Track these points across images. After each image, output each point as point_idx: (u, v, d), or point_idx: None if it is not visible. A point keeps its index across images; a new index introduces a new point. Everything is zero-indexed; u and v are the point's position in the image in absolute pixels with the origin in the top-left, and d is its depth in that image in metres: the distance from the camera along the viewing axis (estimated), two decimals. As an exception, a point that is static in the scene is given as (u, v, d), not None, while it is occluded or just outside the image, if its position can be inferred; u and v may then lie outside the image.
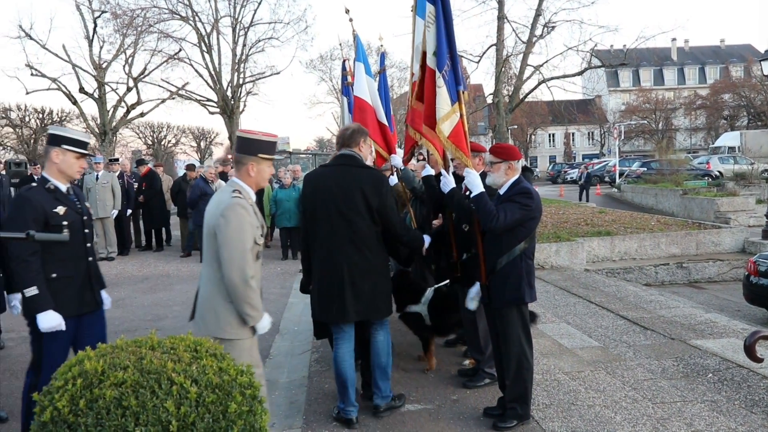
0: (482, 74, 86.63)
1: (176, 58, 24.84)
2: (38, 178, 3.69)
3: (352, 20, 6.05)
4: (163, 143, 44.25)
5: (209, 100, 25.48)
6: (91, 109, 37.45)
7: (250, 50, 25.57)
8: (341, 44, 6.08)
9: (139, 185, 13.08)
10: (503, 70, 19.89)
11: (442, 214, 5.10)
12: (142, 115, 26.47)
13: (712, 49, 69.92)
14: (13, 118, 30.82)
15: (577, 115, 43.07)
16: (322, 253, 4.09)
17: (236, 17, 25.06)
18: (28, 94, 24.32)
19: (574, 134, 67.16)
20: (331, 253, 4.05)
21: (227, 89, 25.10)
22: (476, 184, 4.06)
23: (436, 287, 5.23)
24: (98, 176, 11.78)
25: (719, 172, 29.73)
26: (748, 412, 4.31)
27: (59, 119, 32.67)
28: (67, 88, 24.11)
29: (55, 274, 3.48)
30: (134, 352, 2.25)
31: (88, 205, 3.94)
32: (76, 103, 24.58)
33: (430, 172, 5.21)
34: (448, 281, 5.10)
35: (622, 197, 26.92)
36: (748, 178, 23.77)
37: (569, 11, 26.70)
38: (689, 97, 60.83)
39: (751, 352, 2.45)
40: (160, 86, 25.36)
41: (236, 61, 25.21)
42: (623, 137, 49.97)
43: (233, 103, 25.13)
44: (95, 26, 24.05)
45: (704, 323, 6.77)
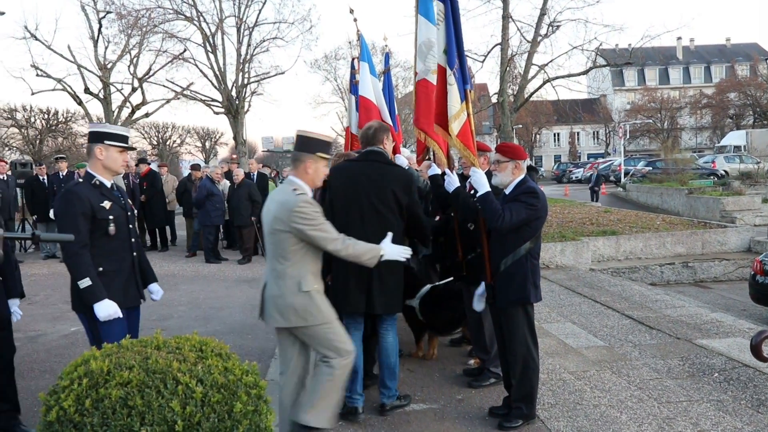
0: (487, 73, 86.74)
1: (181, 58, 24.88)
2: (84, 174, 3.72)
3: (356, 20, 6.06)
4: (168, 143, 44.36)
5: (214, 100, 25.52)
6: (96, 109, 37.61)
7: (254, 50, 25.58)
8: (350, 42, 6.08)
9: (139, 185, 13.05)
10: (508, 69, 19.84)
11: (445, 213, 5.12)
12: (147, 115, 26.52)
13: (717, 47, 69.61)
14: (18, 118, 30.90)
15: (582, 114, 43.01)
16: None
17: (241, 17, 25.08)
18: (33, 94, 24.58)
19: (579, 133, 66.97)
20: None
21: (232, 89, 25.13)
22: (482, 183, 4.06)
23: (433, 285, 5.25)
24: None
25: (725, 171, 29.58)
26: (754, 411, 4.30)
27: (64, 119, 32.77)
28: (72, 88, 24.18)
29: (101, 267, 3.52)
30: (140, 351, 2.26)
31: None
32: (81, 103, 24.64)
33: (436, 171, 5.20)
34: (451, 279, 5.12)
35: (627, 196, 26.83)
36: (754, 177, 23.65)
37: (574, 10, 26.59)
38: (695, 96, 60.57)
39: (757, 351, 2.44)
40: (164, 86, 25.41)
41: (241, 61, 25.22)
42: (628, 136, 49.85)
43: (238, 103, 25.15)
44: (100, 27, 24.11)
45: (710, 323, 6.75)
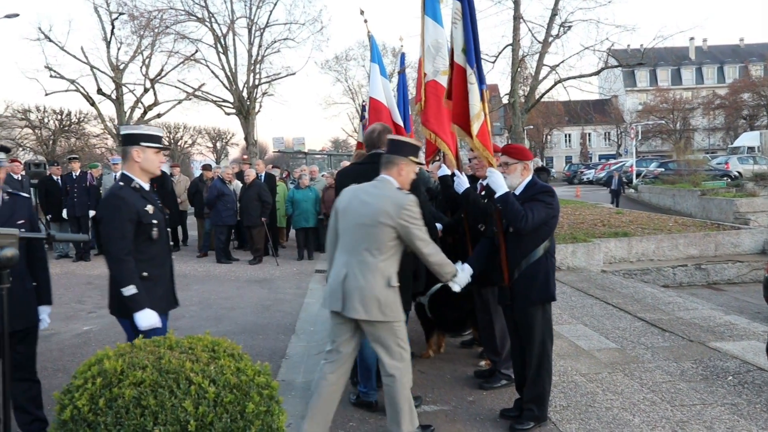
0: (498, 74, 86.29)
1: (193, 59, 25.06)
2: (120, 176, 3.67)
3: (366, 21, 6.06)
4: (179, 144, 44.58)
5: (225, 100, 25.66)
6: (108, 110, 37.81)
7: (265, 51, 25.72)
8: (369, 37, 6.03)
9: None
10: (519, 70, 19.82)
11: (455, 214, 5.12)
12: (159, 116, 26.75)
13: (731, 48, 69.03)
14: (32, 119, 31.20)
15: (593, 115, 42.83)
16: None
17: (252, 18, 25.22)
18: (47, 95, 24.72)
19: (590, 134, 66.65)
20: None
21: (243, 90, 25.26)
22: (500, 184, 4.02)
23: (444, 283, 5.26)
24: (116, 177, 11.86)
25: (738, 172, 29.31)
26: (769, 416, 4.25)
27: (77, 120, 33.03)
28: (85, 89, 24.45)
29: (145, 273, 3.46)
30: (153, 351, 2.27)
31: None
32: (94, 104, 24.89)
33: (446, 172, 5.20)
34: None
35: (639, 198, 26.65)
36: (768, 178, 23.45)
37: (586, 11, 26.51)
38: (707, 96, 60.10)
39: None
40: (176, 87, 25.64)
41: (252, 61, 25.35)
42: (640, 137, 49.52)
43: (249, 103, 25.26)
44: (113, 28, 24.35)
45: (723, 325, 6.69)
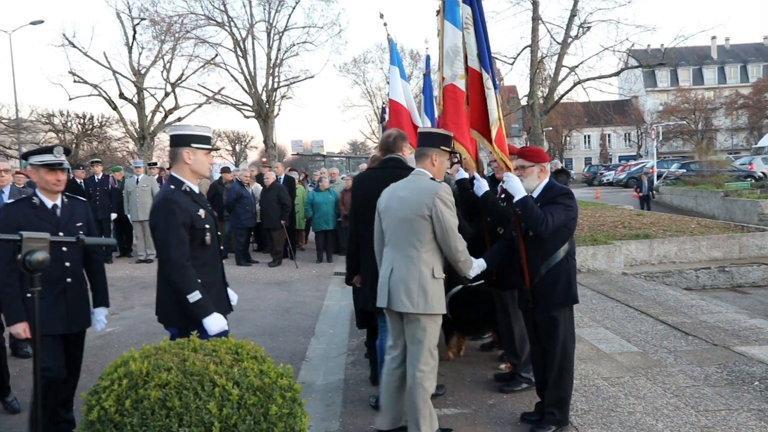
0: (516, 76, 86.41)
1: (212, 63, 25.33)
2: (168, 178, 3.59)
3: (386, 24, 6.08)
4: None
5: (244, 104, 25.88)
6: (130, 114, 38.31)
7: (284, 54, 25.93)
8: (389, 40, 6.04)
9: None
10: (538, 71, 19.73)
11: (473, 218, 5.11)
12: (179, 119, 26.98)
13: (754, 46, 67.97)
14: (55, 123, 31.71)
15: (613, 116, 42.40)
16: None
17: (271, 22, 25.45)
18: (70, 100, 25.09)
19: (610, 135, 66.03)
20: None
21: (262, 93, 25.46)
22: (518, 188, 4.00)
23: (465, 286, 5.25)
24: (138, 180, 12.03)
25: (763, 173, 28.86)
26: (796, 421, 4.17)
27: (99, 124, 33.50)
28: (107, 93, 24.82)
29: (199, 279, 3.37)
30: (177, 353, 2.29)
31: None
32: (116, 108, 25.25)
33: (464, 175, 5.19)
34: (482, 282, 5.11)
35: (660, 199, 26.32)
36: (793, 179, 23.05)
37: (605, 11, 26.36)
38: (730, 96, 59.20)
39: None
40: (196, 91, 25.94)
41: (271, 65, 25.56)
42: (661, 138, 48.93)
43: (268, 107, 25.46)
44: (134, 33, 24.71)
45: (749, 329, 6.58)
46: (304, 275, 10.74)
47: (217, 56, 25.32)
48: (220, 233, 3.75)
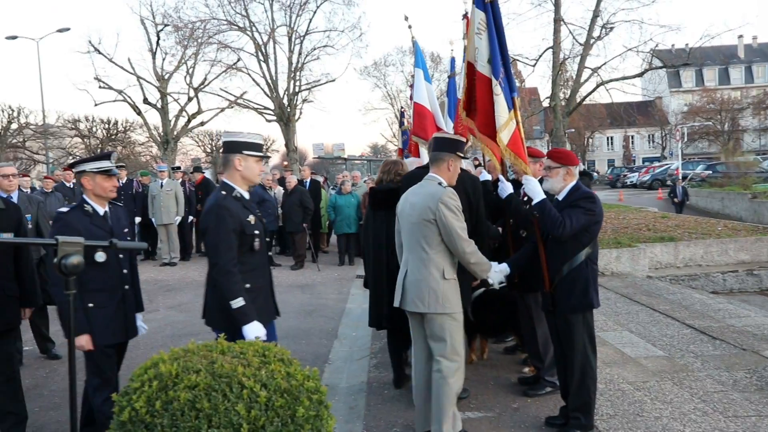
0: (538, 78, 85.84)
1: (234, 67, 25.56)
2: (220, 184, 3.64)
3: (411, 27, 6.10)
4: (220, 151, 45.38)
5: (266, 108, 26.07)
6: (154, 118, 38.87)
7: (305, 58, 26.06)
8: (413, 42, 6.07)
9: (195, 193, 13.30)
10: (560, 73, 19.57)
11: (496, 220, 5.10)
12: (202, 124, 27.35)
13: (782, 45, 66.65)
14: (81, 128, 32.28)
15: (636, 117, 41.79)
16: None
17: (292, 26, 25.60)
18: (96, 105, 25.52)
19: (633, 137, 65.27)
20: None
21: (284, 97, 25.62)
22: (537, 191, 4.01)
23: (488, 288, 5.23)
24: (162, 184, 12.17)
25: (792, 174, 28.33)
26: (828, 428, 4.09)
27: (123, 129, 34.04)
28: (132, 99, 25.17)
29: (248, 284, 3.40)
30: (206, 356, 2.32)
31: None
32: (140, 113, 25.61)
33: (486, 177, 5.19)
34: (503, 284, 5.09)
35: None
36: (823, 180, 22.57)
37: (628, 11, 25.99)
38: (758, 96, 58.14)
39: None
40: (219, 96, 26.18)
41: (292, 69, 25.72)
42: (686, 139, 48.23)
43: (289, 110, 25.63)
44: (158, 39, 25.03)
45: (778, 333, 6.46)
46: (326, 278, 10.78)
47: (239, 61, 25.56)
48: (268, 239, 3.80)
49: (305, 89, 26.60)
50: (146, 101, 25.16)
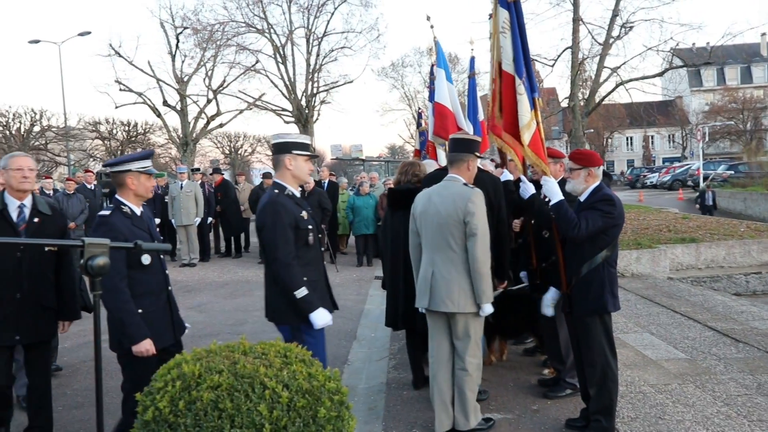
0: (557, 78, 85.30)
1: (253, 69, 25.76)
2: (272, 184, 3.72)
3: (432, 27, 6.11)
4: (239, 152, 45.68)
5: (284, 109, 26.24)
6: (173, 120, 39.26)
7: (323, 60, 26.21)
8: (429, 49, 6.12)
9: (214, 194, 13.39)
10: (579, 73, 19.44)
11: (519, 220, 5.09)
12: (221, 125, 27.54)
13: (806, 42, 65.46)
14: (101, 131, 32.65)
15: (656, 117, 41.33)
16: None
17: (310, 28, 25.76)
18: (117, 108, 25.81)
19: (653, 137, 64.52)
20: None
21: (302, 99, 25.77)
22: (555, 192, 4.00)
23: (507, 289, 5.21)
24: (182, 185, 12.28)
25: (816, 174, 27.79)
26: None
27: (143, 131, 34.36)
28: (151, 101, 25.45)
29: (305, 278, 3.54)
30: (228, 356, 2.34)
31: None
32: (159, 115, 25.89)
33: (508, 177, 5.17)
34: (524, 285, 5.07)
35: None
36: None
37: (648, 10, 25.67)
38: (781, 94, 57.22)
39: None
40: (237, 97, 26.39)
41: (310, 71, 25.86)
42: (707, 139, 47.59)
43: (307, 112, 25.77)
44: (177, 42, 25.30)
45: (803, 336, 6.36)
46: (344, 279, 10.80)
47: (257, 63, 25.76)
48: (321, 235, 3.89)
49: (323, 90, 26.76)
50: (166, 103, 25.43)
